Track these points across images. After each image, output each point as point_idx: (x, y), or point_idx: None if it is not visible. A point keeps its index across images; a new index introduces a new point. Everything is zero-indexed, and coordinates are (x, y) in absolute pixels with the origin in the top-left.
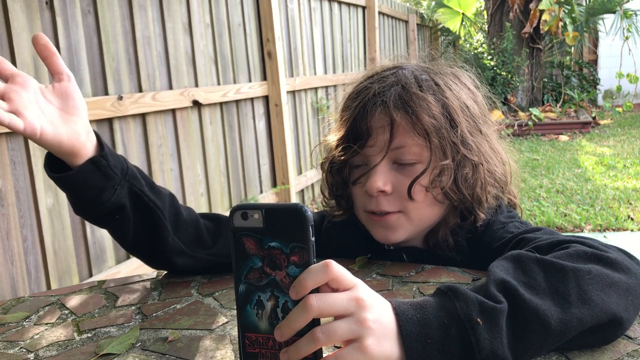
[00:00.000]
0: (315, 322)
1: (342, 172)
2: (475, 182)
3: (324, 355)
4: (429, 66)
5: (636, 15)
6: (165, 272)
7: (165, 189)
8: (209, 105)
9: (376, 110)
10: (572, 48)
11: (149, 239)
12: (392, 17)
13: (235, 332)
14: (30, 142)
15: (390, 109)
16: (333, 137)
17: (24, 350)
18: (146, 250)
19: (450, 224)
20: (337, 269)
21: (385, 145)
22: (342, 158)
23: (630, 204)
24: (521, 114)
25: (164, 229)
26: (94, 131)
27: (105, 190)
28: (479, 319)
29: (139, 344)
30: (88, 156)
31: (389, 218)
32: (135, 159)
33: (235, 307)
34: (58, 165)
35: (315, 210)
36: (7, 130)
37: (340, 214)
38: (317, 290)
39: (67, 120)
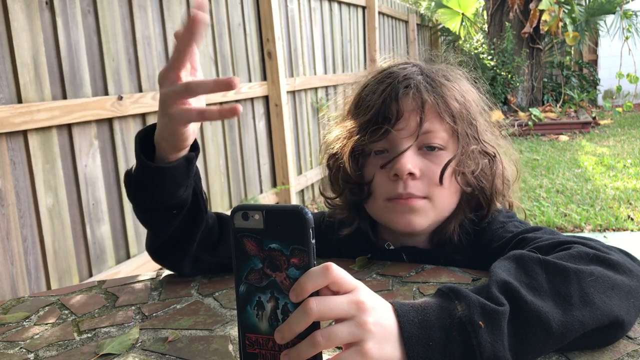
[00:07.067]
0: (315, 325)
1: (360, 160)
2: (495, 172)
3: (324, 358)
4: (439, 67)
5: (636, 15)
6: (166, 272)
7: None
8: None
9: (408, 92)
10: (572, 48)
11: (181, 240)
12: (392, 17)
13: (235, 332)
14: (30, 143)
15: (422, 92)
16: (351, 124)
17: (24, 350)
18: (169, 252)
19: (460, 219)
20: (337, 272)
21: (415, 129)
22: (370, 141)
23: (630, 204)
24: (521, 114)
25: (198, 233)
26: None
27: (182, 186)
28: (480, 322)
29: (139, 344)
30: (185, 151)
31: (416, 201)
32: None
33: (235, 308)
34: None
35: (316, 211)
36: (7, 130)
37: (343, 216)
38: (317, 293)
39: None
